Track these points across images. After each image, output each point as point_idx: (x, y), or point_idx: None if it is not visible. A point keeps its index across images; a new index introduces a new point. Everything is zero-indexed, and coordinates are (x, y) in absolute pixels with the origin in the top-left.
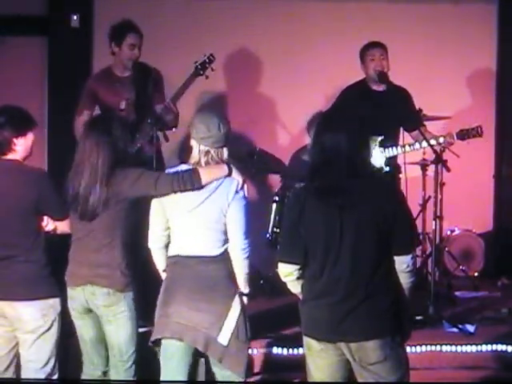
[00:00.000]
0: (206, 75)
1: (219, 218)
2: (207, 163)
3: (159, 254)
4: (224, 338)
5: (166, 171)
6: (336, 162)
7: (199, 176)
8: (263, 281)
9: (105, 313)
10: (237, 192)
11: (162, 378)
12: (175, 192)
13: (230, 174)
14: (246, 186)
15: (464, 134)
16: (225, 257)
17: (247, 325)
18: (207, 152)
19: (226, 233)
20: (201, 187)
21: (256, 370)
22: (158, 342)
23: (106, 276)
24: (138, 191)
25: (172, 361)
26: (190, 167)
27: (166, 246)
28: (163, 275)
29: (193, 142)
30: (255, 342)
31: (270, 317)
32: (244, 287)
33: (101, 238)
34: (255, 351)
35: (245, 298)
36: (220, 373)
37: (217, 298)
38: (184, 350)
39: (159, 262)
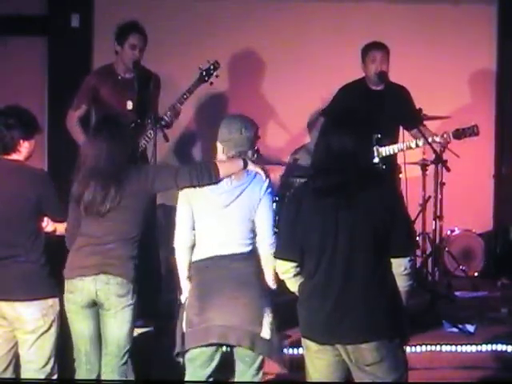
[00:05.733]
0: (211, 81)
1: (250, 216)
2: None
3: (186, 254)
4: (266, 332)
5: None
6: (340, 163)
7: (217, 169)
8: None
9: (114, 304)
10: (267, 189)
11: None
12: (194, 185)
13: (245, 167)
14: (268, 179)
15: (460, 134)
16: (254, 253)
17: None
18: (229, 154)
19: (253, 230)
20: (218, 181)
21: None
22: (183, 353)
23: (119, 265)
24: (159, 187)
25: (202, 367)
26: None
27: (192, 248)
28: (185, 283)
29: (217, 144)
30: None
31: None
32: (272, 283)
33: (120, 230)
34: None
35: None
36: (246, 368)
37: (254, 294)
38: (214, 355)
39: (184, 266)
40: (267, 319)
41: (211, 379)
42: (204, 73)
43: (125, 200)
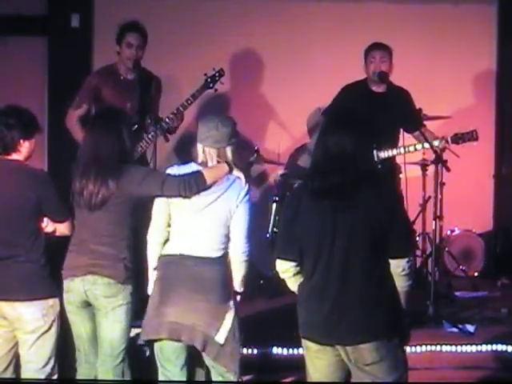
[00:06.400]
0: (215, 88)
1: (226, 221)
2: (211, 163)
3: (156, 249)
4: (221, 337)
5: (173, 168)
6: (339, 164)
7: (204, 179)
8: (263, 281)
9: (103, 305)
10: (245, 195)
11: (160, 379)
12: (181, 196)
13: (230, 172)
14: (248, 185)
15: (458, 138)
16: (223, 259)
17: (240, 325)
18: (209, 152)
19: (227, 236)
20: (205, 189)
21: (256, 370)
22: (149, 342)
23: (107, 266)
24: (144, 190)
25: (169, 361)
26: (196, 170)
27: (164, 243)
28: (152, 273)
29: (197, 145)
30: (255, 342)
31: (269, 317)
32: (239, 287)
33: (107, 232)
34: (255, 351)
35: (238, 297)
36: (216, 368)
37: (214, 300)
38: (180, 350)
39: (153, 258)
40: (225, 325)
41: (184, 371)
42: (209, 79)
43: (114, 199)
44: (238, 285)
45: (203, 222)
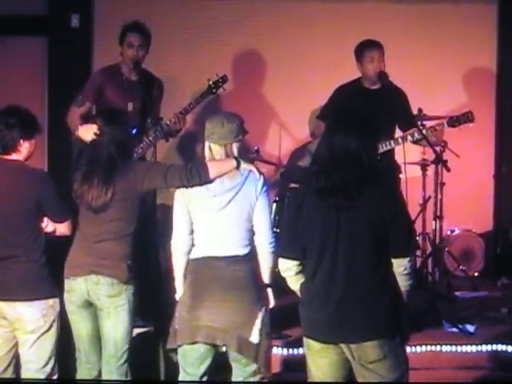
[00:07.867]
0: (218, 94)
1: (249, 215)
2: (217, 159)
3: (182, 259)
4: (255, 336)
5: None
6: (344, 163)
7: (208, 170)
8: None
9: (106, 305)
10: (262, 186)
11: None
12: (184, 186)
13: (238, 167)
14: (262, 176)
15: (454, 121)
16: (251, 256)
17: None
18: (215, 149)
19: (251, 231)
20: (209, 181)
21: None
22: (175, 349)
23: (110, 266)
24: (148, 185)
25: (193, 365)
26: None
27: (189, 252)
28: (180, 280)
29: (205, 142)
30: None
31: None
32: (268, 280)
33: (113, 228)
34: None
35: (269, 290)
36: (242, 369)
37: (247, 299)
38: (206, 354)
39: (180, 268)
40: (257, 324)
41: (205, 379)
42: (212, 85)
43: (116, 197)
44: (267, 277)
45: (226, 221)
